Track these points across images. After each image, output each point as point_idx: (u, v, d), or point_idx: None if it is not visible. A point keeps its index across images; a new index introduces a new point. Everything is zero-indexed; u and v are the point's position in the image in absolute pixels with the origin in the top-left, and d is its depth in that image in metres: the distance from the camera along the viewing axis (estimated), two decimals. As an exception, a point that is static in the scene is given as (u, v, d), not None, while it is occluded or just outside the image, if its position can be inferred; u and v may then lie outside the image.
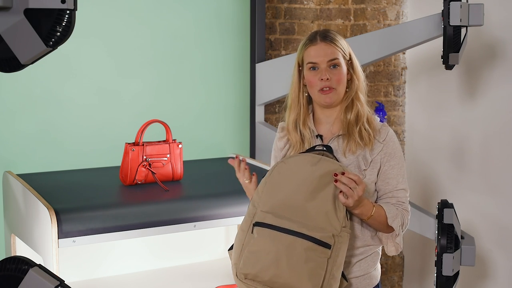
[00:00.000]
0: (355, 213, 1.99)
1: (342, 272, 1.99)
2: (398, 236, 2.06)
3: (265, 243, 1.89)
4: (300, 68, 2.13)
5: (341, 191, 1.91)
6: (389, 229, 2.06)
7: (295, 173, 1.94)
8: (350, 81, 2.13)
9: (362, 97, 2.13)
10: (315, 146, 2.06)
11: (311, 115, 2.16)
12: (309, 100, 2.16)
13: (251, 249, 1.90)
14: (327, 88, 2.07)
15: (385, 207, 2.05)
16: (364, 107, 2.13)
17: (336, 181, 1.91)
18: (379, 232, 2.10)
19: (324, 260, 1.87)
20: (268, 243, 1.88)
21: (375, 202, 2.11)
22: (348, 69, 2.11)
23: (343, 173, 1.92)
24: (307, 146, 2.13)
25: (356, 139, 2.08)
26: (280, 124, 2.25)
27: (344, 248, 1.92)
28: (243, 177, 2.16)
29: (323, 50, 2.07)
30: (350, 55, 2.12)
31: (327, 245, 1.87)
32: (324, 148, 2.03)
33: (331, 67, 2.07)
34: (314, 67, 2.08)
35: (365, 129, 2.10)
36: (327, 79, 2.06)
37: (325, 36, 2.09)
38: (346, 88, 2.12)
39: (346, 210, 1.93)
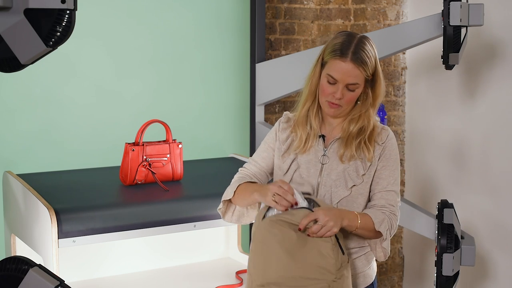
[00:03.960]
0: (344, 226, 1.97)
1: None
2: (386, 240, 2.04)
3: None
4: (323, 63, 2.06)
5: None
6: (378, 234, 2.04)
7: (271, 236, 1.92)
8: (364, 94, 2.08)
9: (373, 113, 2.10)
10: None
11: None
12: None
13: None
14: (335, 104, 2.05)
15: (370, 213, 2.03)
16: (371, 122, 2.09)
17: (308, 235, 1.91)
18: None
19: None
20: None
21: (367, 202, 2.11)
22: (366, 86, 2.06)
23: (299, 229, 1.91)
24: (311, 142, 2.11)
25: (352, 152, 2.06)
26: (287, 113, 2.21)
27: (347, 281, 1.93)
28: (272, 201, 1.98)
29: (348, 72, 2.00)
30: (375, 71, 2.05)
31: None
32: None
33: (348, 89, 2.04)
34: (332, 82, 2.03)
35: (365, 143, 2.07)
36: (339, 98, 2.03)
37: (356, 55, 2.00)
38: (358, 101, 2.09)
39: (340, 245, 1.93)
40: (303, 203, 1.97)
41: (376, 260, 2.20)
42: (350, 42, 2.02)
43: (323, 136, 2.12)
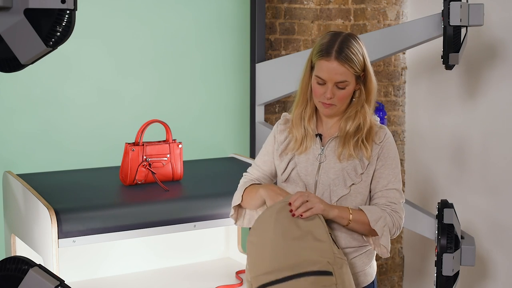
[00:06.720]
0: (334, 216, 1.97)
1: None
2: (382, 237, 2.02)
3: None
4: (312, 66, 2.09)
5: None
6: (376, 232, 2.04)
7: (262, 232, 1.94)
8: (358, 92, 2.09)
9: (368, 109, 2.10)
10: None
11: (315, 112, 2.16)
12: None
13: None
14: (328, 104, 2.06)
15: (366, 210, 2.02)
16: (368, 119, 2.09)
17: (293, 215, 1.92)
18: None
19: (333, 285, 1.87)
20: None
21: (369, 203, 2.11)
22: (358, 83, 2.07)
23: (289, 203, 1.93)
24: (308, 142, 2.12)
25: (350, 151, 2.07)
26: (285, 115, 2.22)
27: (346, 273, 1.92)
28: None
29: (334, 70, 2.01)
30: (364, 68, 2.07)
31: (328, 273, 1.87)
32: None
33: (338, 87, 2.04)
34: (321, 82, 2.04)
35: (362, 142, 2.07)
36: (330, 97, 2.04)
37: (340, 53, 2.01)
38: (353, 98, 2.10)
39: (333, 240, 1.93)
40: None
41: (376, 260, 2.20)
42: (334, 41, 2.03)
43: (320, 135, 2.13)
